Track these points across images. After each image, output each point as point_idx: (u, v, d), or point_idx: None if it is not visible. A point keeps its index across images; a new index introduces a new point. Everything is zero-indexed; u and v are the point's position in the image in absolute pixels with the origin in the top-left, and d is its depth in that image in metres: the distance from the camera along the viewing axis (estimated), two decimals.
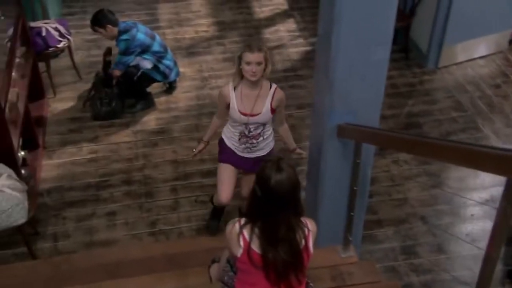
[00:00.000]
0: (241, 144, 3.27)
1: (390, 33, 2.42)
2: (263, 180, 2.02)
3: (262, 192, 2.02)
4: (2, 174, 3.20)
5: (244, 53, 2.97)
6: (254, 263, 2.08)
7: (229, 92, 3.17)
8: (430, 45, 5.25)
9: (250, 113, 3.13)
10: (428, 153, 2.25)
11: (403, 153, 4.31)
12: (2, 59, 3.66)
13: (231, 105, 3.16)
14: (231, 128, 3.28)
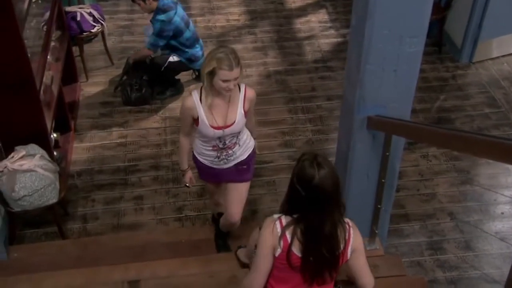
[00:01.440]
0: (216, 158, 2.90)
1: (425, 25, 2.38)
2: (305, 180, 1.98)
3: (306, 191, 1.98)
4: (36, 154, 3.28)
5: (220, 70, 2.57)
6: (292, 265, 2.06)
7: (194, 105, 2.72)
8: (465, 39, 5.14)
9: (224, 126, 2.75)
10: (461, 147, 2.22)
11: (433, 148, 4.26)
12: (38, 42, 3.72)
13: (200, 120, 2.73)
14: (202, 143, 2.89)
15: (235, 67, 2.61)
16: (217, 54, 2.61)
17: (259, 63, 5.17)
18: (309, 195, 1.97)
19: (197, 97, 2.74)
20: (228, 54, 2.61)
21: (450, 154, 4.23)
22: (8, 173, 3.15)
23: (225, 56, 2.59)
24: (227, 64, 2.59)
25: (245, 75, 5.01)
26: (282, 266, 2.09)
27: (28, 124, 3.42)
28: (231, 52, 2.64)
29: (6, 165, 3.18)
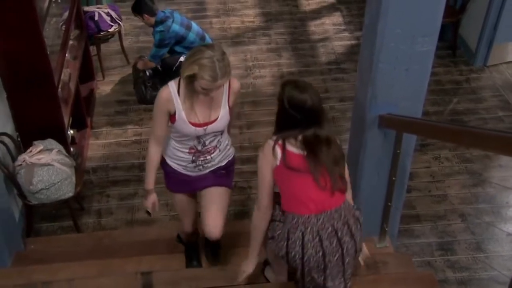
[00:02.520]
0: (190, 163, 2.53)
1: (438, 25, 2.41)
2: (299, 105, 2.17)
3: (301, 114, 2.18)
4: (53, 149, 3.35)
5: (201, 80, 2.24)
6: (294, 167, 2.19)
7: (171, 97, 2.36)
8: (480, 42, 5.14)
9: (205, 122, 2.41)
10: (470, 142, 2.24)
11: (445, 150, 4.27)
12: (57, 41, 3.81)
13: (177, 115, 2.37)
14: (176, 144, 2.50)
15: (220, 78, 2.25)
16: (202, 59, 2.23)
17: (272, 64, 5.22)
18: (305, 116, 2.17)
19: (174, 89, 2.37)
20: (215, 61, 2.22)
21: (462, 156, 4.24)
22: (26, 166, 3.23)
23: (210, 64, 2.22)
24: (209, 74, 2.23)
25: (258, 75, 5.08)
26: (285, 176, 2.22)
27: (46, 120, 3.49)
28: (219, 59, 2.24)
29: (25, 159, 3.25)
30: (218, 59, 2.24)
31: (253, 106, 4.73)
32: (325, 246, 2.21)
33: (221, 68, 2.24)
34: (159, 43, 4.47)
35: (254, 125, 4.53)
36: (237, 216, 3.77)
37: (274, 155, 2.22)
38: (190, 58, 2.28)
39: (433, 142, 4.32)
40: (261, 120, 4.58)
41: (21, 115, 3.46)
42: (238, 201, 3.86)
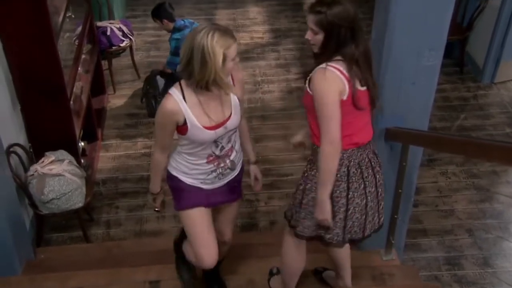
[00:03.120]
0: (210, 174, 2.38)
1: (444, 39, 2.45)
2: (349, 17, 2.15)
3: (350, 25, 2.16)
4: (64, 160, 3.41)
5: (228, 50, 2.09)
6: (358, 104, 2.21)
7: (178, 106, 2.20)
8: (487, 60, 5.18)
9: (222, 121, 2.27)
10: (475, 153, 2.27)
11: (452, 165, 4.29)
12: (69, 55, 3.89)
13: (189, 125, 2.21)
14: (190, 157, 2.34)
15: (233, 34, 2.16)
16: (214, 37, 2.06)
17: (281, 80, 5.28)
18: (353, 27, 2.17)
19: (179, 96, 2.20)
20: (220, 28, 2.12)
21: (469, 172, 4.25)
22: (38, 177, 3.28)
23: (222, 32, 2.09)
24: (231, 36, 2.12)
25: (267, 90, 5.15)
26: (347, 112, 2.21)
27: (58, 131, 3.57)
28: (218, 25, 2.16)
29: (37, 169, 3.31)
30: (217, 26, 2.14)
31: (261, 120, 4.79)
32: (365, 177, 2.30)
33: (227, 29, 2.15)
34: (175, 50, 4.50)
35: (263, 139, 4.58)
36: (245, 228, 3.80)
37: (343, 86, 2.18)
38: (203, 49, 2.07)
39: (440, 157, 4.34)
40: (269, 134, 4.63)
41: (34, 127, 3.53)
42: (246, 214, 3.89)
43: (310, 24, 2.22)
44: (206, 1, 6.58)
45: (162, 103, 2.24)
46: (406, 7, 2.34)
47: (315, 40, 2.24)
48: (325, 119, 2.18)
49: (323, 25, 2.19)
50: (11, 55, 3.25)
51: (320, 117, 2.20)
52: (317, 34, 2.22)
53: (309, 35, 2.26)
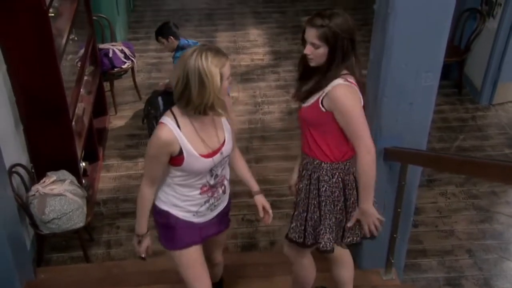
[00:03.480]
0: (204, 205, 2.26)
1: (440, 61, 2.50)
2: (352, 28, 2.20)
3: (353, 37, 2.22)
4: (66, 180, 3.43)
5: (223, 68, 2.03)
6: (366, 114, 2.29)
7: (174, 136, 2.09)
8: (485, 81, 5.24)
9: (218, 148, 2.19)
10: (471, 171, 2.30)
11: (451, 186, 4.31)
12: (72, 77, 3.95)
13: (185, 154, 2.10)
14: (183, 189, 2.21)
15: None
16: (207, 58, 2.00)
17: (281, 101, 5.34)
18: (353, 38, 2.24)
19: (173, 125, 2.10)
20: (211, 48, 2.05)
21: (469, 192, 4.27)
22: (40, 196, 3.30)
23: (214, 52, 2.03)
24: (223, 55, 2.06)
25: (267, 111, 5.19)
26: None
27: (60, 152, 3.59)
28: (208, 46, 2.08)
29: (38, 189, 3.33)
30: (206, 47, 2.06)
31: (261, 141, 4.82)
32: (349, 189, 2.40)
33: (217, 47, 2.09)
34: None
35: (263, 159, 4.61)
36: (245, 248, 3.80)
37: (360, 99, 2.25)
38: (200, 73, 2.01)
39: (440, 178, 4.37)
40: (269, 154, 4.66)
41: (36, 147, 3.56)
42: (246, 234, 3.90)
43: (312, 39, 2.20)
44: (207, 24, 6.68)
45: (155, 133, 2.11)
46: (403, 30, 2.39)
47: (315, 54, 2.23)
48: (359, 132, 2.25)
49: (327, 38, 2.18)
50: (15, 77, 3.30)
51: (351, 131, 2.27)
52: (318, 48, 2.21)
53: (308, 49, 2.23)
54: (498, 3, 4.92)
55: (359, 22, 6.51)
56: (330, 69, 2.24)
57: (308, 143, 2.41)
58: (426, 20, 2.36)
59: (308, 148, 2.41)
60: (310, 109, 2.32)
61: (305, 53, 2.26)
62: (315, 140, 2.37)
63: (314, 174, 2.42)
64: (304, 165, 2.47)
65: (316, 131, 2.35)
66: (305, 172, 2.46)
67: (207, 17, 6.83)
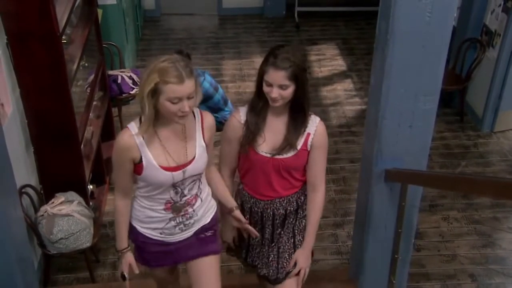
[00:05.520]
0: (169, 222, 2.12)
1: (439, 85, 2.58)
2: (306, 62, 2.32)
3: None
4: (74, 201, 3.50)
5: (165, 85, 1.89)
6: None
7: (134, 141, 1.99)
8: (486, 109, 5.32)
9: (182, 164, 2.05)
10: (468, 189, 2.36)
11: (454, 211, 4.35)
12: (82, 102, 4.06)
13: (144, 163, 1.99)
14: (146, 201, 2.10)
15: (187, 78, 1.91)
16: (159, 64, 1.91)
17: None
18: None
19: (136, 130, 2.00)
20: (174, 62, 1.92)
21: (471, 218, 4.30)
22: (48, 217, 3.37)
23: (171, 65, 1.90)
24: (174, 75, 1.88)
25: None
26: None
27: (68, 173, 3.67)
28: (177, 60, 1.94)
29: (46, 210, 3.40)
30: (176, 59, 1.95)
31: None
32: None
33: (184, 67, 1.93)
34: (213, 89, 4.58)
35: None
36: (248, 270, 3.83)
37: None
38: (146, 72, 1.97)
39: (442, 203, 4.41)
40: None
41: (45, 168, 3.64)
42: None
43: (281, 81, 2.18)
44: (213, 52, 6.83)
45: (117, 137, 2.07)
46: (402, 55, 2.48)
47: (284, 96, 2.22)
48: (324, 168, 2.42)
49: (296, 77, 2.20)
50: (27, 101, 3.40)
51: (322, 167, 2.43)
52: (287, 88, 2.21)
53: (275, 93, 2.19)
54: (497, 34, 5.04)
55: (362, 51, 6.68)
56: (304, 107, 2.31)
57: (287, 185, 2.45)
58: (424, 45, 2.45)
59: (288, 189, 2.47)
60: (297, 156, 2.37)
61: (273, 96, 2.21)
62: (297, 178, 2.47)
63: (300, 198, 2.53)
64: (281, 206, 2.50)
65: (296, 171, 2.44)
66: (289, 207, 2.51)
67: (213, 45, 6.98)
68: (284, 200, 2.51)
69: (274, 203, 2.50)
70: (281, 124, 2.37)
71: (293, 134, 2.34)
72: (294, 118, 2.35)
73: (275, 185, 2.44)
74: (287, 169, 2.40)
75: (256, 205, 2.53)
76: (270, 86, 2.23)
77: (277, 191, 2.47)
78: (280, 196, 2.48)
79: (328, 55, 6.72)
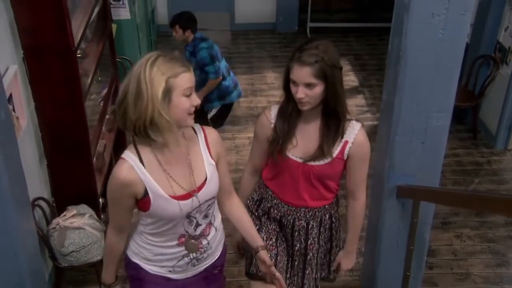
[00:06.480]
0: (182, 259, 1.88)
1: (451, 102, 2.57)
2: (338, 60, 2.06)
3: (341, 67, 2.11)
4: (86, 214, 3.52)
5: (176, 79, 1.65)
6: None
7: (135, 174, 1.73)
8: (499, 126, 5.28)
9: (193, 190, 1.79)
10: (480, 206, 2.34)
11: (467, 229, 4.29)
12: (95, 116, 4.10)
13: (151, 196, 1.73)
14: (155, 239, 1.85)
15: (190, 65, 1.71)
16: (154, 64, 1.63)
17: None
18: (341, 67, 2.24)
19: (135, 160, 1.73)
20: (166, 55, 1.69)
21: (485, 236, 4.25)
22: (60, 229, 3.39)
23: (168, 57, 1.67)
24: (180, 64, 1.65)
25: None
26: None
27: (81, 186, 3.69)
28: (164, 53, 1.70)
29: (58, 222, 3.42)
30: (161, 53, 1.70)
31: None
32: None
33: (179, 56, 1.72)
34: (210, 58, 4.46)
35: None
36: None
37: None
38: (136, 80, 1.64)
39: (455, 221, 4.36)
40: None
41: (58, 181, 3.67)
42: None
43: (306, 79, 1.94)
44: None
45: (113, 171, 1.75)
46: (414, 72, 2.48)
47: (311, 96, 1.97)
48: (366, 175, 2.33)
49: (325, 74, 1.94)
50: (41, 114, 3.44)
51: (362, 175, 2.33)
52: (314, 88, 1.96)
53: (301, 92, 1.96)
54: (511, 50, 5.02)
55: (374, 67, 6.68)
56: (338, 111, 2.07)
57: (317, 195, 2.29)
58: (437, 62, 2.45)
59: (316, 200, 2.31)
60: (331, 165, 2.15)
61: (299, 97, 1.99)
62: (329, 188, 2.36)
63: (325, 216, 2.45)
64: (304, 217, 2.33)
65: (330, 180, 2.28)
66: (312, 222, 2.37)
67: (226, 60, 7.01)
68: (309, 211, 2.29)
69: (298, 212, 2.28)
70: (314, 130, 2.11)
71: (327, 141, 2.10)
72: (327, 124, 2.10)
73: (303, 193, 2.21)
74: (318, 177, 2.17)
75: (277, 208, 2.27)
76: (295, 85, 2.00)
77: (304, 199, 2.24)
78: (306, 206, 2.27)
79: None
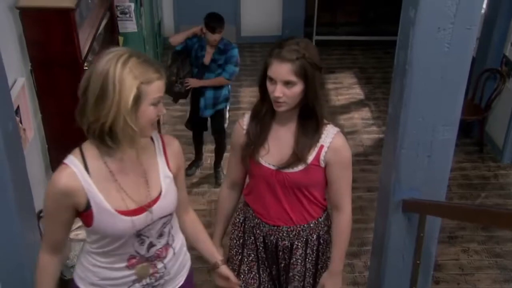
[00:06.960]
0: (132, 285, 1.66)
1: (458, 115, 2.56)
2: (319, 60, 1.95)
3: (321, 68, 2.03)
4: None
5: (150, 85, 1.50)
6: None
7: (78, 182, 1.53)
8: (506, 140, 5.26)
9: (146, 203, 1.58)
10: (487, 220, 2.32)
11: (474, 243, 4.26)
12: None
13: (94, 210, 1.52)
14: (102, 259, 1.63)
15: (161, 68, 1.53)
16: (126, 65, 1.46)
17: None
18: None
19: (79, 167, 1.55)
20: (140, 55, 1.51)
21: (492, 251, 4.21)
22: None
23: (142, 59, 1.49)
24: (154, 69, 1.48)
25: None
26: None
27: None
28: (136, 52, 1.53)
29: None
30: (133, 51, 1.53)
31: None
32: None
33: (152, 59, 1.54)
34: (237, 61, 4.46)
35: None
36: None
37: None
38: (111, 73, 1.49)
39: (461, 235, 4.33)
40: None
41: None
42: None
43: (286, 76, 1.82)
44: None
45: (52, 177, 1.55)
46: (420, 85, 2.47)
47: (289, 95, 1.85)
48: (349, 186, 2.13)
49: (305, 72, 1.84)
50: (48, 126, 3.46)
51: (345, 185, 2.14)
52: (293, 87, 1.85)
53: (279, 91, 1.83)
54: None
55: (380, 80, 6.70)
56: (316, 113, 1.93)
57: (299, 207, 2.15)
58: (443, 76, 2.44)
59: (299, 213, 2.16)
60: (307, 172, 2.01)
61: (276, 95, 1.86)
62: (313, 201, 2.19)
63: (312, 236, 2.30)
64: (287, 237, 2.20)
65: (312, 190, 2.12)
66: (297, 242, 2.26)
67: None
68: (292, 230, 2.18)
69: (280, 231, 2.18)
70: (289, 134, 2.00)
71: (302, 146, 1.98)
72: (303, 126, 1.97)
73: (284, 204, 2.09)
74: (296, 186, 2.04)
75: (259, 227, 2.20)
76: (273, 83, 1.87)
77: (286, 211, 2.11)
78: (289, 223, 2.15)
79: (346, 83, 6.74)
